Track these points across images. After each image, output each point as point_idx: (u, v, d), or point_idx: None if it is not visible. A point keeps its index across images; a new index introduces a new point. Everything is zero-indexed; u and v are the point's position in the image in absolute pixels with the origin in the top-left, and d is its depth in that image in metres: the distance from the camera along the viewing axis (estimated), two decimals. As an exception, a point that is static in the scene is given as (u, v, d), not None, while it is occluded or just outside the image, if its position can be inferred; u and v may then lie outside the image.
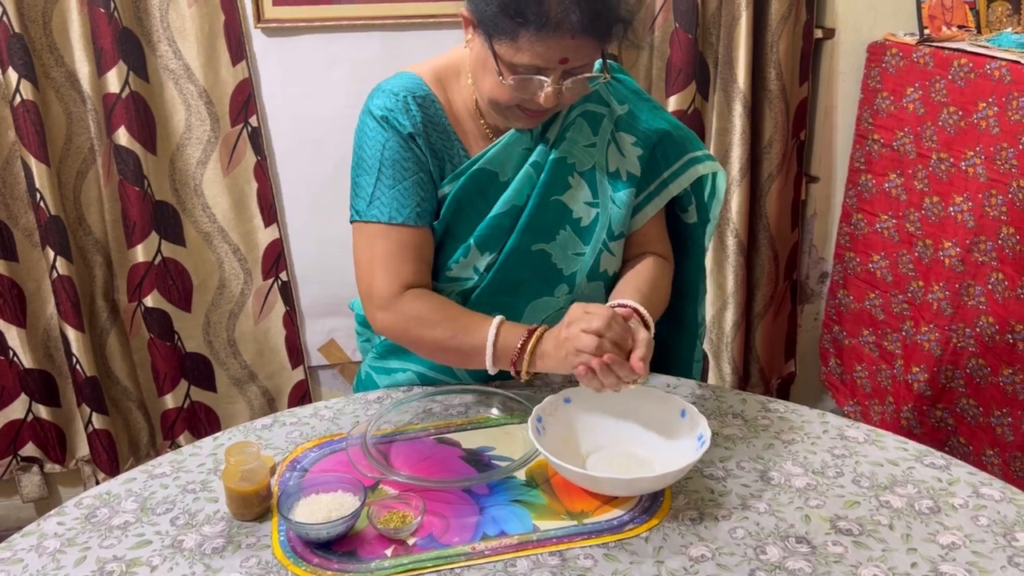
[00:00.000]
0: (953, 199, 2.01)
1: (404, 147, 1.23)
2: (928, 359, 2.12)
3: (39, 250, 2.13)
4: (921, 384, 2.14)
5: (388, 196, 1.23)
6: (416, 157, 1.24)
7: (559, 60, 1.11)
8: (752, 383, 2.59)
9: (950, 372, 2.08)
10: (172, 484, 1.14)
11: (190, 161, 2.17)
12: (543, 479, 1.13)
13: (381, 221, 1.23)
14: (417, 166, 1.24)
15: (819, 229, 2.55)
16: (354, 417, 1.29)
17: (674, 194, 1.34)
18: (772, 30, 2.25)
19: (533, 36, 1.08)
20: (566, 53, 1.10)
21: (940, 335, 2.07)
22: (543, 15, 1.06)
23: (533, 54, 1.10)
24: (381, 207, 1.23)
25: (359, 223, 1.26)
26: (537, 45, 1.09)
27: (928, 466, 1.14)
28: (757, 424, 1.24)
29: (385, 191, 1.23)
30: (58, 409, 2.26)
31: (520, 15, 1.07)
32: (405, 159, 1.23)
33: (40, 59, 2.01)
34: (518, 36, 1.09)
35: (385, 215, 1.23)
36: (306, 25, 2.13)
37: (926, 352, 2.12)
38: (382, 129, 1.23)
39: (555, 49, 1.09)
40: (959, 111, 1.99)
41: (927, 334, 2.11)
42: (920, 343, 2.14)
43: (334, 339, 2.43)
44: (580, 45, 1.10)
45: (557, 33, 1.08)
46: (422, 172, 1.24)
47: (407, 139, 1.23)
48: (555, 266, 1.29)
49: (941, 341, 2.07)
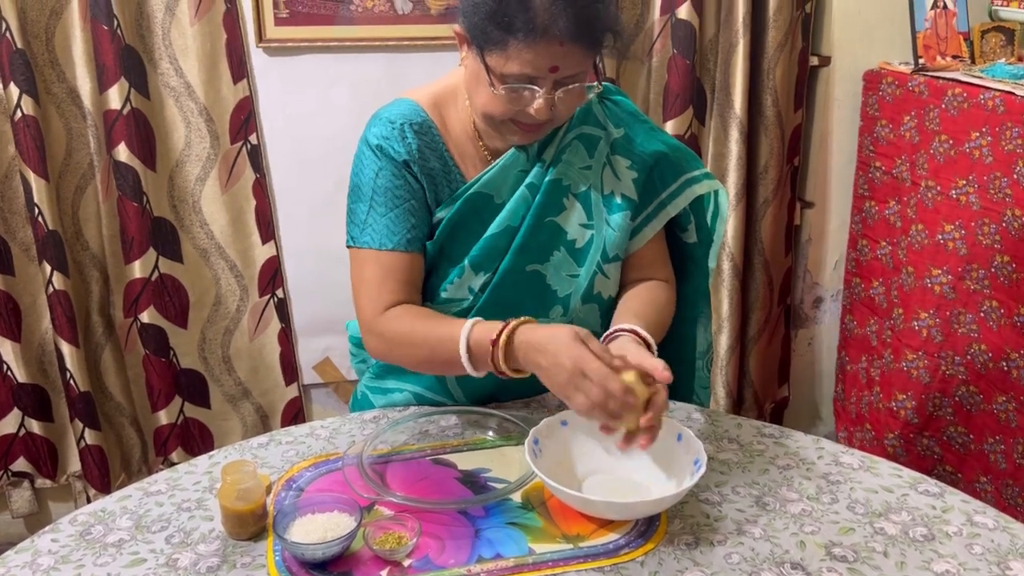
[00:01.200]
0: (943, 227, 2.03)
1: (397, 175, 1.24)
2: (916, 387, 2.13)
3: (36, 264, 2.13)
4: (908, 412, 2.15)
5: (380, 223, 1.25)
6: (409, 185, 1.25)
7: (549, 68, 1.12)
8: (746, 407, 2.60)
9: (938, 400, 2.09)
10: (167, 502, 1.14)
11: (189, 178, 2.17)
12: (539, 502, 1.13)
13: (372, 247, 1.25)
14: (410, 193, 1.25)
15: (813, 254, 2.57)
16: (350, 436, 1.29)
17: (672, 215, 1.35)
18: (769, 57, 2.28)
19: (522, 44, 1.09)
20: (555, 61, 1.11)
21: (929, 362, 2.08)
22: (530, 22, 1.08)
23: (523, 62, 1.11)
24: (373, 234, 1.25)
25: (353, 248, 1.28)
26: (526, 52, 1.10)
27: (922, 493, 1.15)
28: (752, 449, 1.25)
29: (377, 218, 1.25)
30: (50, 424, 2.25)
31: (508, 23, 1.08)
32: (398, 187, 1.25)
33: (42, 75, 2.02)
34: (507, 45, 1.10)
35: (376, 242, 1.25)
36: (308, 45, 2.14)
37: (914, 380, 2.13)
38: (376, 158, 1.25)
39: (544, 56, 1.10)
40: (950, 140, 2.01)
41: (915, 361, 2.12)
42: (907, 371, 2.15)
43: (329, 357, 2.43)
44: (569, 52, 1.11)
45: (545, 39, 1.09)
46: (414, 199, 1.26)
47: (401, 167, 1.24)
48: (549, 287, 1.30)
49: (930, 368, 2.08)
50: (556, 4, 1.07)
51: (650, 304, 1.31)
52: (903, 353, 2.16)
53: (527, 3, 1.07)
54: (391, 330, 1.24)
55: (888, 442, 2.23)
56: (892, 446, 2.21)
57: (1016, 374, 1.90)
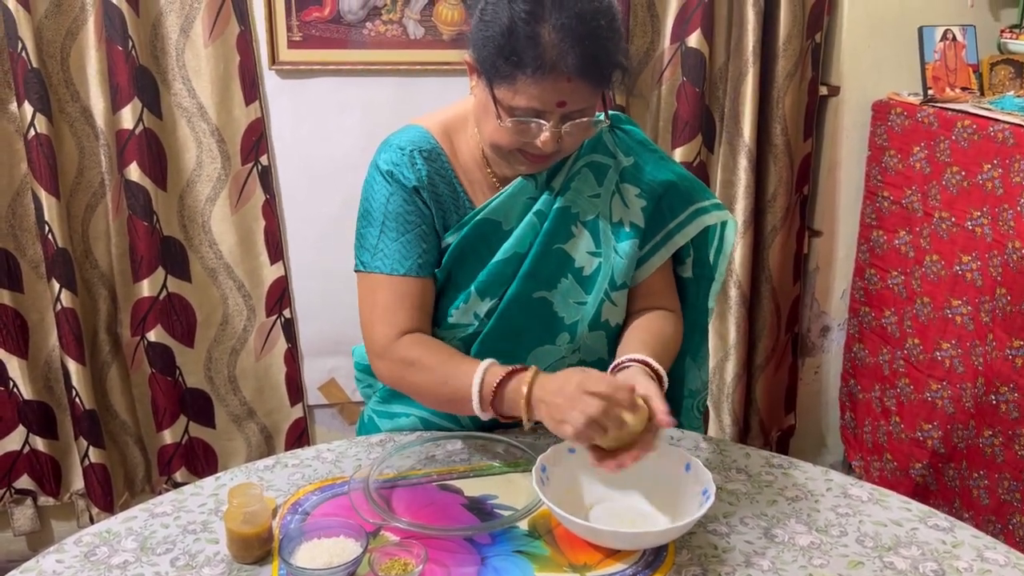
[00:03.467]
0: (959, 258, 2.03)
1: (408, 201, 1.25)
2: (941, 416, 2.12)
3: (44, 282, 2.14)
4: (935, 441, 2.14)
5: (391, 248, 1.25)
6: (419, 210, 1.26)
7: (556, 103, 1.12)
8: (752, 435, 2.58)
9: (961, 431, 2.08)
10: (173, 524, 1.14)
11: (199, 198, 2.18)
12: (546, 530, 1.12)
13: (383, 272, 1.25)
14: (420, 219, 1.26)
15: (821, 283, 2.56)
16: (356, 460, 1.29)
17: (680, 244, 1.34)
18: (778, 86, 2.28)
19: (529, 79, 1.09)
20: (563, 96, 1.12)
21: (952, 392, 2.07)
22: (539, 58, 1.08)
23: (530, 96, 1.11)
24: (384, 259, 1.25)
25: (363, 273, 1.28)
26: (533, 88, 1.10)
27: (932, 527, 1.14)
28: (761, 480, 1.24)
29: (389, 243, 1.25)
30: (55, 441, 2.25)
31: (516, 58, 1.09)
32: (408, 212, 1.25)
33: (56, 94, 2.04)
34: (515, 79, 1.10)
35: (387, 267, 1.25)
36: (320, 68, 2.16)
37: (939, 410, 2.12)
38: (387, 183, 1.25)
39: (551, 92, 1.11)
40: (962, 171, 2.02)
41: (939, 392, 2.11)
42: (932, 400, 2.14)
43: (334, 378, 2.42)
44: (576, 88, 1.11)
45: (553, 75, 1.09)
46: (424, 225, 1.26)
47: (411, 193, 1.25)
48: (556, 314, 1.30)
49: (954, 399, 2.07)
50: (565, 41, 1.08)
51: (658, 336, 1.30)
52: (926, 383, 2.15)
53: (536, 39, 1.08)
54: (403, 357, 1.24)
55: (915, 472, 2.21)
56: (921, 476, 2.20)
57: (1004, 408, 1.89)
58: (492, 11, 1.11)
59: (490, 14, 1.11)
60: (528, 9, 1.08)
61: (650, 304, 1.36)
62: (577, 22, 1.08)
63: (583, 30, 1.08)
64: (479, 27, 1.13)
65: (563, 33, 1.07)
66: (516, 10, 1.08)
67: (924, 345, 2.16)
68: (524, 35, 1.08)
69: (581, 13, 1.08)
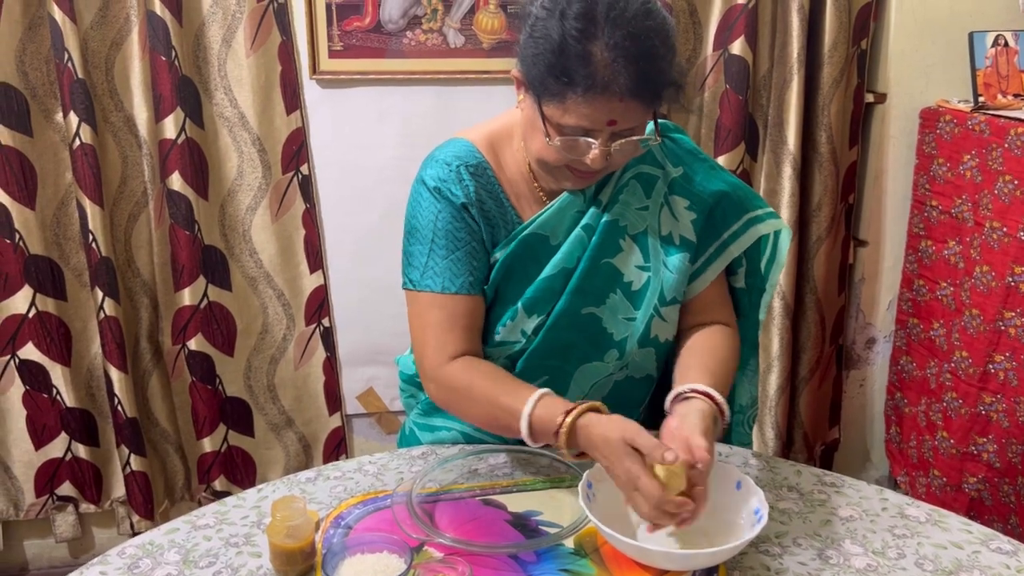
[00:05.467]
0: (1013, 269, 1.97)
1: (457, 217, 1.23)
2: (997, 430, 2.06)
3: (88, 290, 2.16)
4: (991, 455, 2.08)
5: (441, 266, 1.23)
6: (468, 227, 1.23)
7: (607, 122, 1.10)
8: (795, 448, 2.54)
9: (1017, 447, 2.02)
10: (215, 536, 1.13)
11: (240, 207, 2.19)
12: (592, 548, 1.09)
13: (434, 291, 1.23)
14: (469, 236, 1.24)
15: (867, 294, 2.51)
16: (398, 473, 1.28)
17: (735, 255, 1.31)
18: (824, 93, 2.24)
19: (580, 98, 1.07)
20: (614, 115, 1.09)
21: (1008, 406, 2.01)
22: (590, 77, 1.05)
23: (580, 116, 1.09)
24: (434, 277, 1.23)
25: (412, 292, 1.26)
26: (584, 107, 1.08)
27: (995, 551, 1.09)
28: (813, 498, 1.20)
29: (438, 261, 1.23)
30: (96, 449, 2.27)
31: (567, 76, 1.06)
32: (458, 229, 1.23)
33: (100, 104, 2.06)
34: (565, 97, 1.08)
35: (438, 285, 1.23)
36: (360, 78, 2.16)
37: (994, 423, 2.06)
38: (435, 200, 1.23)
39: (602, 111, 1.08)
40: (1015, 180, 1.96)
41: (994, 405, 2.05)
42: (986, 414, 2.08)
43: (373, 387, 2.42)
44: (628, 107, 1.08)
45: (605, 95, 1.06)
46: (474, 242, 1.24)
47: (460, 209, 1.23)
48: (605, 330, 1.27)
49: (1008, 412, 2.01)
50: (618, 61, 1.05)
51: (720, 358, 1.26)
52: (978, 396, 2.09)
53: (588, 58, 1.05)
54: (454, 382, 1.23)
55: (969, 487, 2.14)
56: (975, 490, 2.13)
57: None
58: (543, 27, 1.08)
59: (540, 30, 1.09)
60: (580, 27, 1.05)
61: (706, 319, 1.33)
62: (631, 41, 1.05)
63: (637, 49, 1.05)
64: (528, 43, 1.11)
65: (616, 52, 1.05)
66: (568, 27, 1.06)
67: (973, 358, 2.10)
68: (575, 53, 1.05)
69: (635, 32, 1.05)
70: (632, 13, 1.06)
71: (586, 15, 1.05)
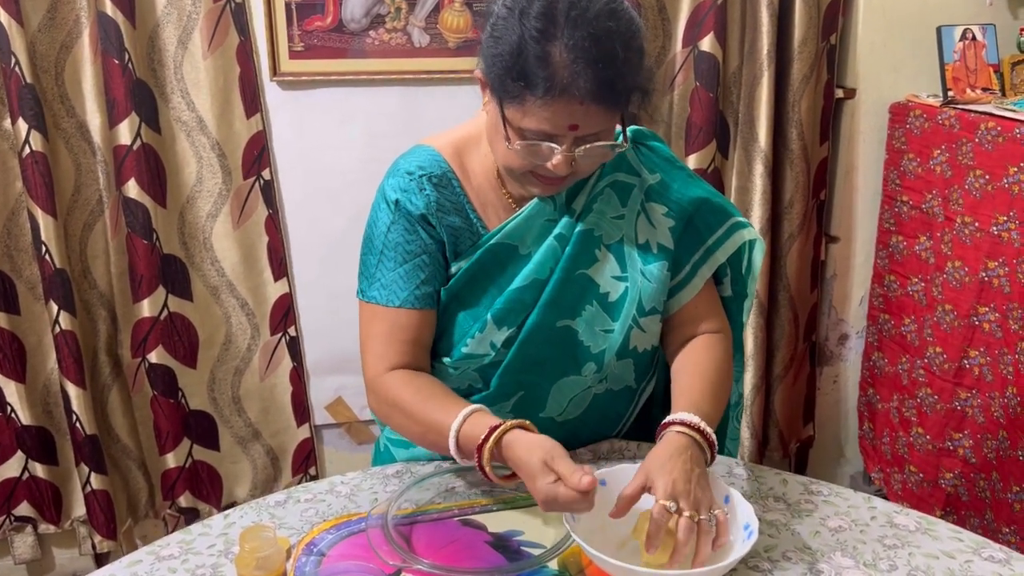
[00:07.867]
0: (986, 264, 1.96)
1: (410, 229, 1.19)
2: (972, 425, 2.05)
3: (42, 303, 2.07)
4: (966, 450, 2.07)
5: (388, 279, 1.21)
6: (421, 240, 1.20)
7: (568, 126, 1.05)
8: (771, 447, 2.52)
9: (991, 442, 2.01)
10: (180, 568, 1.07)
11: (200, 214, 2.12)
12: (577, 569, 1.05)
13: (378, 303, 1.21)
14: (421, 248, 1.20)
15: (838, 290, 2.50)
16: (372, 493, 1.23)
17: (721, 261, 1.27)
18: (794, 89, 2.22)
19: (539, 101, 1.02)
20: (575, 119, 1.04)
21: (982, 402, 2.01)
22: (549, 79, 1.01)
23: (540, 119, 1.04)
24: (380, 289, 1.21)
25: (361, 302, 1.25)
26: (543, 110, 1.03)
27: (987, 559, 1.07)
28: (801, 508, 1.18)
29: (386, 273, 1.21)
30: (55, 467, 2.18)
31: (525, 79, 1.02)
32: (409, 242, 1.20)
33: (51, 109, 1.97)
34: (524, 100, 1.03)
35: (383, 297, 1.21)
36: (323, 79, 2.10)
37: (969, 419, 2.06)
38: (390, 211, 1.20)
39: (562, 115, 1.04)
40: (986, 175, 1.95)
41: (968, 400, 2.05)
42: (961, 409, 2.07)
43: (342, 397, 2.36)
44: (590, 112, 1.04)
45: (564, 98, 1.02)
46: (426, 255, 1.20)
47: (418, 220, 1.19)
48: (582, 343, 1.23)
49: (983, 408, 2.01)
50: (577, 63, 1.00)
51: (712, 380, 1.21)
52: (953, 392, 2.08)
53: (547, 59, 1.01)
54: (389, 394, 1.20)
55: (946, 482, 2.14)
56: (952, 486, 2.12)
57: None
58: (503, 26, 1.04)
59: (500, 29, 1.04)
60: (540, 27, 1.01)
61: (698, 329, 1.28)
62: (591, 43, 1.00)
63: (598, 51, 1.00)
64: (489, 43, 1.06)
65: (575, 54, 1.00)
66: (527, 27, 1.01)
67: (948, 353, 2.10)
68: (534, 54, 1.01)
69: (596, 33, 1.01)
70: (594, 13, 1.01)
71: (546, 15, 1.01)
